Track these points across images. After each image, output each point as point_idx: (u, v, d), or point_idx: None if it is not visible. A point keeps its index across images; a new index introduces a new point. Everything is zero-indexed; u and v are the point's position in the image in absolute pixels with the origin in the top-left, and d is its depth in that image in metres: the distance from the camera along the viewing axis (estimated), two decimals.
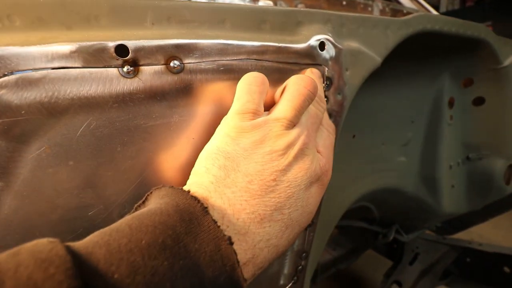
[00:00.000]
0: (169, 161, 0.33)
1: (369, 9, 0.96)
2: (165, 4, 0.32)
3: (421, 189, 1.06)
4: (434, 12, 1.43)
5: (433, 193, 1.05)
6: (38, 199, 0.27)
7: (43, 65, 0.26)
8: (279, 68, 0.39)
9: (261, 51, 0.37)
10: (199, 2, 0.33)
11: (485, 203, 1.11)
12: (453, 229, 1.48)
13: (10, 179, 0.26)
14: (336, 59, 0.45)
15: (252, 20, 0.38)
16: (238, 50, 0.35)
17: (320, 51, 0.43)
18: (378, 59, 0.52)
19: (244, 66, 0.36)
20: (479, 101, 0.98)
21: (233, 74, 0.35)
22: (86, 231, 0.30)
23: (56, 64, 0.27)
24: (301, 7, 0.80)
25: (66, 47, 0.27)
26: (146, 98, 0.30)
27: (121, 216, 0.26)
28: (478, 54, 0.88)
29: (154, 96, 0.31)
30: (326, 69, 0.44)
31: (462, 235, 1.48)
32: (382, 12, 0.99)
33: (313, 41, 0.42)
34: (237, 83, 0.35)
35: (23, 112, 0.26)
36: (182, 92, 0.32)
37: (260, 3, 0.71)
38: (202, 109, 0.34)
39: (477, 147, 1.05)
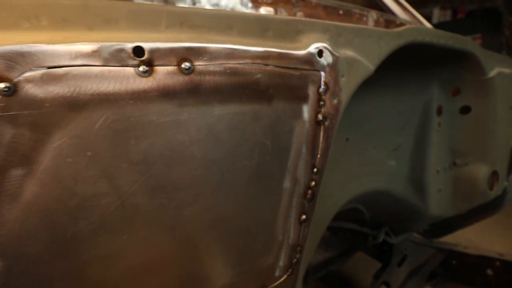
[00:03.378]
0: (178, 155, 0.35)
1: (364, 19, 1.01)
2: (178, 10, 0.34)
3: (409, 192, 1.10)
4: (426, 23, 1.50)
5: (421, 196, 1.10)
6: (57, 186, 0.29)
7: (66, 63, 0.28)
8: (280, 72, 0.42)
9: (265, 56, 0.40)
10: (209, 9, 0.36)
11: (470, 207, 1.17)
12: (440, 233, 1.53)
13: (33, 167, 0.28)
14: (333, 66, 0.48)
15: (257, 27, 0.40)
16: (244, 54, 0.38)
17: (318, 58, 0.46)
18: (371, 67, 0.55)
19: (249, 70, 0.39)
20: (465, 110, 1.04)
21: (239, 76, 0.38)
22: (100, 219, 0.32)
23: (79, 62, 0.29)
24: (300, 15, 0.84)
25: (88, 47, 0.29)
26: (159, 96, 0.33)
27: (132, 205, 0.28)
28: (465, 65, 0.93)
29: (166, 94, 0.33)
30: (324, 74, 0.47)
31: (450, 240, 1.53)
32: (376, 22, 1.04)
33: (312, 48, 0.45)
34: (242, 85, 0.38)
35: (47, 105, 0.28)
36: (192, 92, 0.35)
37: (262, 11, 0.74)
38: (211, 109, 0.37)
39: (463, 153, 1.10)
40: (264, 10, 0.76)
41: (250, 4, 0.73)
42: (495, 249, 1.35)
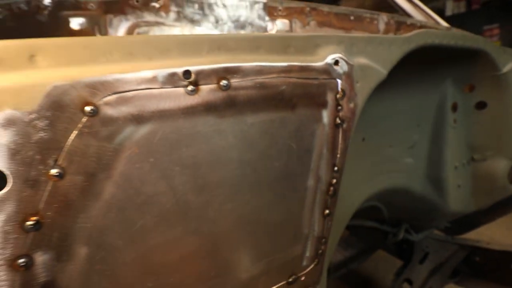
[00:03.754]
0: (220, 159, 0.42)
1: (375, 22, 1.05)
2: (216, 37, 0.41)
3: (428, 189, 1.12)
4: (440, 20, 1.50)
5: (440, 193, 1.11)
6: (128, 187, 0.36)
7: (133, 87, 0.36)
8: (302, 83, 0.48)
9: (288, 70, 0.46)
10: (241, 33, 0.42)
11: (491, 202, 1.16)
12: (462, 229, 1.52)
13: (111, 172, 0.35)
14: (348, 73, 0.53)
15: (280, 45, 0.47)
16: (270, 70, 0.44)
17: (335, 68, 0.51)
18: (384, 72, 0.60)
19: (275, 83, 0.45)
20: (481, 105, 1.05)
21: (267, 89, 0.44)
22: (160, 213, 0.39)
23: (142, 86, 0.36)
24: (313, 23, 0.89)
25: (149, 73, 0.36)
26: (203, 110, 0.39)
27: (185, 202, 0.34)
28: (478, 62, 0.95)
29: (209, 108, 0.40)
30: (340, 82, 0.52)
31: (474, 237, 1.51)
32: (387, 24, 1.07)
33: (329, 59, 0.51)
34: (270, 96, 0.44)
35: (120, 122, 0.35)
36: (229, 105, 0.41)
37: (278, 23, 0.81)
38: (245, 118, 0.43)
39: (481, 148, 1.11)
40: (280, 22, 0.82)
41: (267, 18, 0.80)
42: None
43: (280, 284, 0.51)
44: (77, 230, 0.35)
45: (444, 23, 1.57)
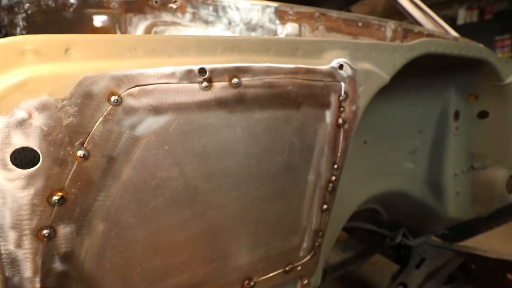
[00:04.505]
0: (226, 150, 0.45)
1: (382, 29, 1.07)
2: (230, 38, 0.45)
3: (427, 194, 1.14)
4: (449, 29, 1.51)
5: (439, 198, 1.13)
6: (144, 170, 0.40)
7: (154, 81, 0.39)
8: (307, 84, 0.51)
9: (295, 72, 0.49)
10: (252, 36, 0.46)
11: (490, 210, 1.18)
12: (460, 236, 1.53)
13: (129, 156, 0.39)
14: (352, 77, 0.56)
15: (289, 48, 0.50)
16: (279, 71, 0.48)
17: (339, 71, 0.55)
18: (386, 77, 0.63)
19: (282, 83, 0.48)
20: (483, 115, 1.07)
21: (274, 88, 0.48)
22: (171, 196, 0.42)
23: (162, 81, 0.40)
24: (322, 28, 0.93)
25: (168, 69, 0.40)
26: (216, 104, 0.43)
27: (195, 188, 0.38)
28: (481, 71, 0.97)
29: (221, 103, 0.43)
30: (344, 85, 0.56)
31: (472, 246, 1.52)
32: (395, 31, 1.10)
33: (334, 63, 0.54)
34: (276, 95, 0.47)
35: (140, 112, 0.39)
36: (239, 101, 0.45)
37: (288, 26, 0.84)
38: (252, 114, 0.46)
39: (481, 157, 1.12)
40: (290, 26, 0.85)
41: (277, 21, 0.83)
42: None
43: (277, 272, 0.54)
44: (96, 207, 0.39)
45: (453, 32, 1.59)
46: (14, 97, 0.34)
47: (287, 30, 0.86)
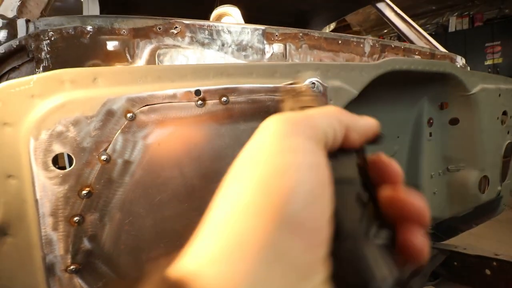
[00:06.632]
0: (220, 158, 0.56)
1: (361, 45, 1.20)
2: (220, 65, 0.56)
3: None
4: (437, 44, 1.63)
5: None
6: (151, 171, 0.51)
7: (160, 101, 0.51)
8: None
9: (274, 90, 0.61)
10: (239, 63, 0.57)
11: (465, 209, 1.29)
12: (442, 235, 1.63)
13: (141, 160, 0.50)
14: (323, 93, 0.68)
15: (269, 71, 0.62)
16: (260, 90, 0.59)
17: (312, 89, 0.66)
18: (355, 92, 0.74)
19: (263, 99, 0.60)
20: (454, 121, 1.18)
21: (256, 104, 0.59)
22: (173, 192, 0.53)
23: (166, 100, 0.51)
24: (305, 46, 1.05)
25: (171, 91, 0.51)
26: (208, 119, 0.54)
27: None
28: (449, 83, 1.09)
29: (212, 117, 0.55)
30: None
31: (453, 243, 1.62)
32: (373, 47, 1.22)
33: (308, 82, 0.66)
34: (258, 109, 0.58)
35: (149, 125, 0.50)
36: (227, 115, 0.56)
37: (274, 46, 0.96)
38: (238, 125, 0.58)
39: (455, 160, 1.24)
40: (277, 46, 0.97)
41: (265, 42, 0.95)
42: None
43: None
44: (115, 200, 0.50)
45: (435, 43, 1.71)
46: (56, 115, 0.45)
47: (274, 49, 0.98)
